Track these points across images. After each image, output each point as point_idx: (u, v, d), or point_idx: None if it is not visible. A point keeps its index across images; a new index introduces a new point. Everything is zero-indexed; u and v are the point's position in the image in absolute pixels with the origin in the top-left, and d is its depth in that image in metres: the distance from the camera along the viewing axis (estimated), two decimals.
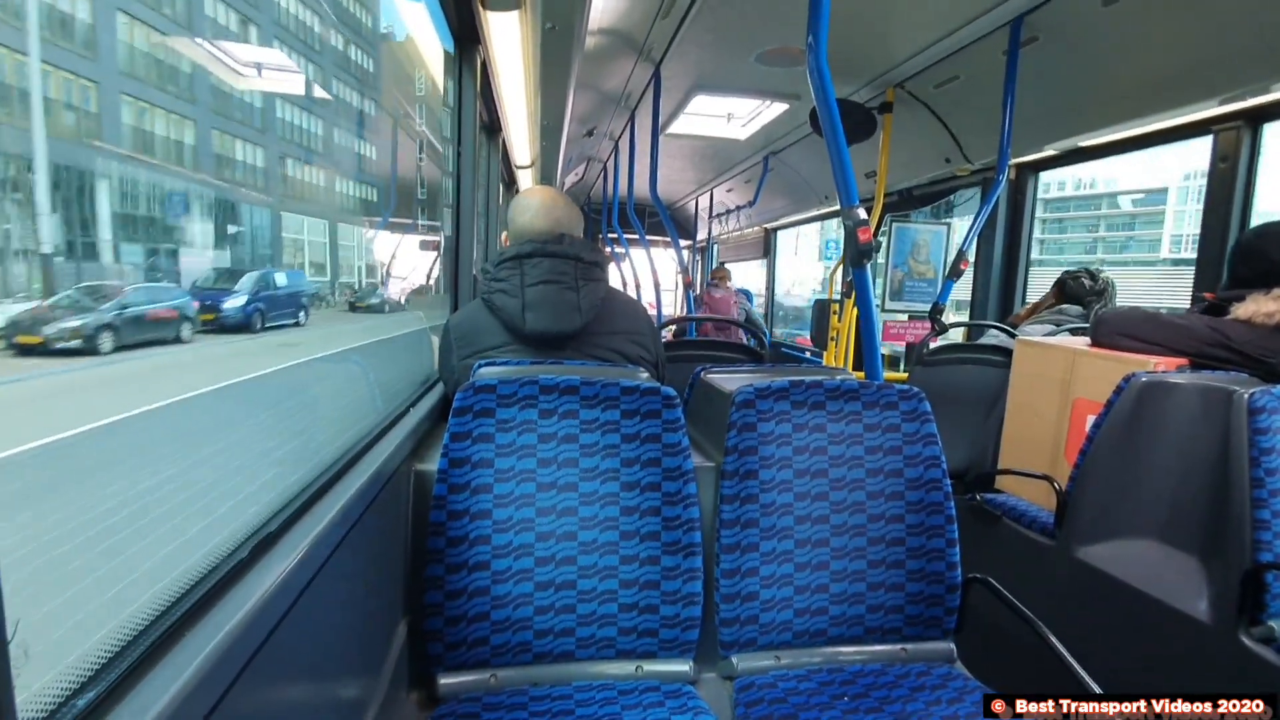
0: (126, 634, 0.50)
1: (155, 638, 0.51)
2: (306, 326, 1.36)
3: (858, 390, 1.30)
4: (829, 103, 1.71)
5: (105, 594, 0.56)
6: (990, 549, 1.90)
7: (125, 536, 0.61)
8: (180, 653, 0.50)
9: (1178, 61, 2.34)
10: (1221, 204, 2.40)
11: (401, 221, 2.54)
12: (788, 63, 3.41)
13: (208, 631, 0.53)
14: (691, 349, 2.77)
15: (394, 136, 2.29)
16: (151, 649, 0.50)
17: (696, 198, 7.89)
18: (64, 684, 0.44)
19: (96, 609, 0.53)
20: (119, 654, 0.49)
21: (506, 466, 1.16)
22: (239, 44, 1.09)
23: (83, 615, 0.52)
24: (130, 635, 0.50)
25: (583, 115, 4.76)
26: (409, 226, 2.69)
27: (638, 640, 1.20)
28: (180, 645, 0.51)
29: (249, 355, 1.16)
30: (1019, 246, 3.59)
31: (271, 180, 1.25)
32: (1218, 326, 1.59)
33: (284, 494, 0.80)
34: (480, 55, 2.32)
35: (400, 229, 2.50)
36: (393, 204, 2.35)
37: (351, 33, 1.74)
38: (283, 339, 1.27)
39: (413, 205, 2.76)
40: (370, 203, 2.04)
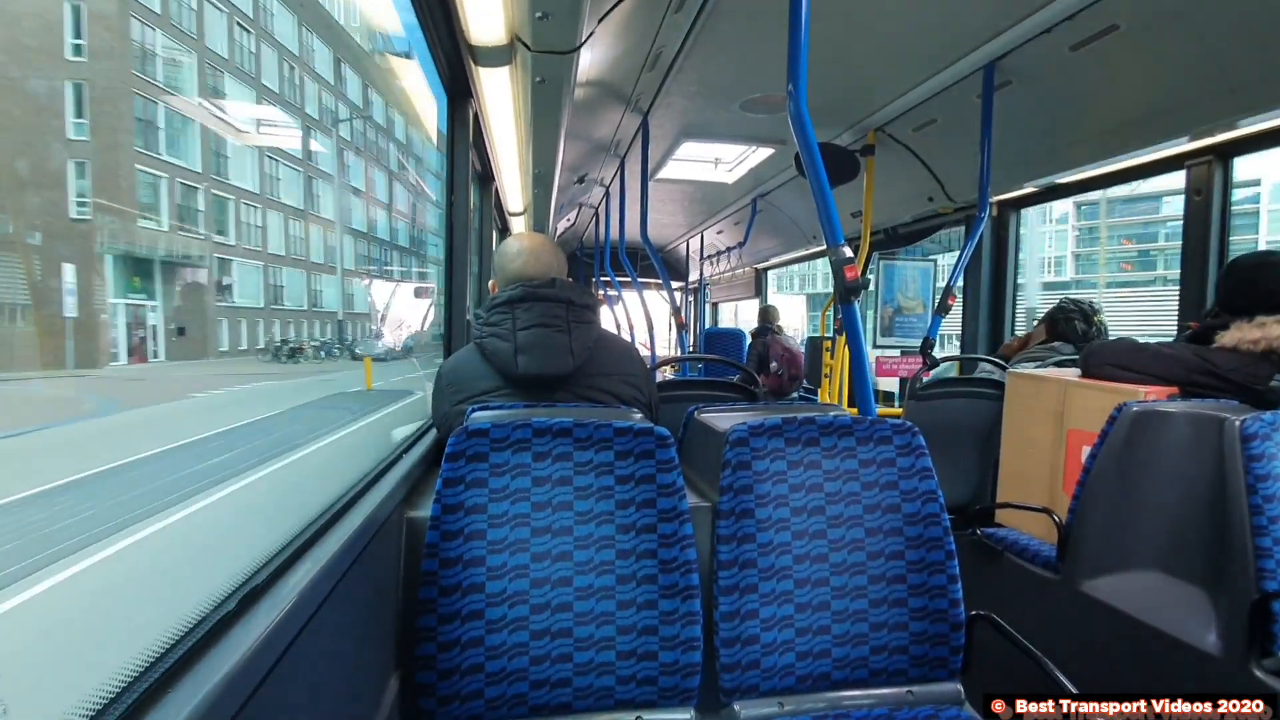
0: (106, 692, 0.48)
1: (136, 697, 0.49)
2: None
3: (851, 426, 1.30)
4: (811, 146, 1.76)
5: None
6: (994, 585, 1.87)
7: None
8: (161, 711, 0.49)
9: (1146, 100, 2.44)
10: (1198, 236, 2.45)
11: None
12: (771, 109, 3.53)
13: (189, 690, 0.51)
14: (685, 389, 2.78)
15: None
16: (131, 710, 0.49)
17: (688, 240, 8.02)
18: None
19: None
20: (100, 713, 0.47)
21: (500, 511, 1.15)
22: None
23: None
24: (111, 693, 0.49)
25: (573, 163, 4.88)
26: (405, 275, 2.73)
27: (637, 689, 1.16)
28: (162, 704, 0.50)
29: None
30: (1004, 281, 3.65)
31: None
32: (1205, 355, 1.61)
33: (273, 544, 0.79)
34: (473, 108, 2.39)
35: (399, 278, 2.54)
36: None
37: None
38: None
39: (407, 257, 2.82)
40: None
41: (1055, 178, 3.11)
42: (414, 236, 2.47)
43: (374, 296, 2.27)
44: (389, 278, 2.41)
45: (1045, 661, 1.06)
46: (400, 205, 2.45)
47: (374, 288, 2.24)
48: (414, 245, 2.45)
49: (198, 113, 1.04)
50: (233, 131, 1.11)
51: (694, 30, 2.67)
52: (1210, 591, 1.37)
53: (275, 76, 1.32)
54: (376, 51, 1.84)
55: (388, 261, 2.39)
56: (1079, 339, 2.56)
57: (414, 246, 2.46)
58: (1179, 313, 2.55)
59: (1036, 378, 1.97)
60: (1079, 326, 2.58)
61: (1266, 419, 1.35)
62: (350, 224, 1.78)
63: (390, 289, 2.51)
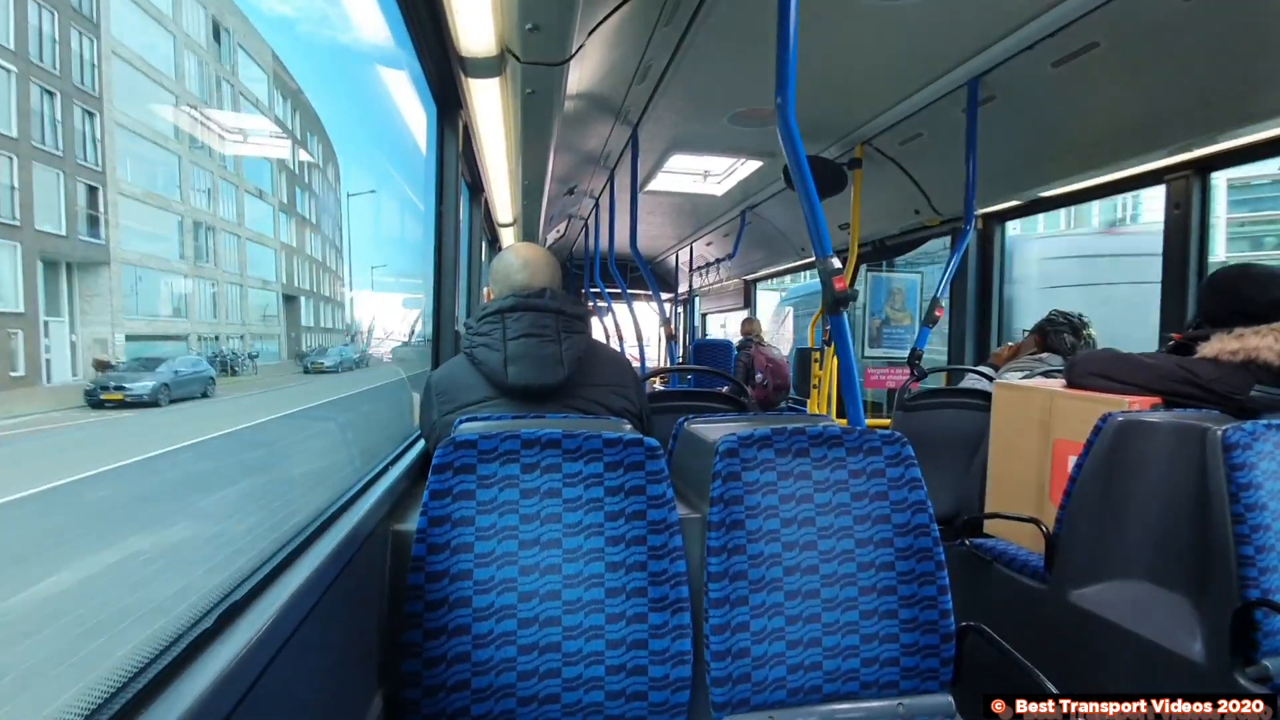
0: (76, 713, 0.47)
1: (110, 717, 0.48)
2: None
3: (840, 436, 1.30)
4: (799, 159, 1.78)
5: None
6: (983, 595, 1.88)
7: None
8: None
9: (1126, 116, 2.48)
10: (1178, 248, 2.50)
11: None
12: (759, 122, 3.56)
13: (161, 712, 0.50)
14: (675, 400, 2.77)
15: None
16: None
17: (677, 252, 8.05)
18: None
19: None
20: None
21: (488, 524, 1.13)
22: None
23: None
24: (82, 714, 0.47)
25: (563, 175, 4.89)
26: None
27: (626, 705, 1.15)
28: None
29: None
30: (990, 292, 3.69)
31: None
32: (1186, 365, 1.63)
33: (254, 559, 0.77)
34: (462, 119, 2.39)
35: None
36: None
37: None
38: None
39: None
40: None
41: (1038, 191, 3.16)
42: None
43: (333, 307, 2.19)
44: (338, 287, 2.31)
45: (1035, 672, 1.06)
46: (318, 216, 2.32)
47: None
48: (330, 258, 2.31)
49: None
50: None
51: (683, 44, 2.69)
52: (1194, 600, 1.38)
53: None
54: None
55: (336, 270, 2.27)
56: (1068, 351, 2.59)
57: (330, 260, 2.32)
58: (1160, 324, 2.59)
59: (1023, 388, 1.99)
60: (1068, 339, 2.60)
61: (1247, 428, 1.37)
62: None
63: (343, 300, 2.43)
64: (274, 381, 1.68)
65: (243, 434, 1.52)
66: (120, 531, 1.10)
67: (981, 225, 3.62)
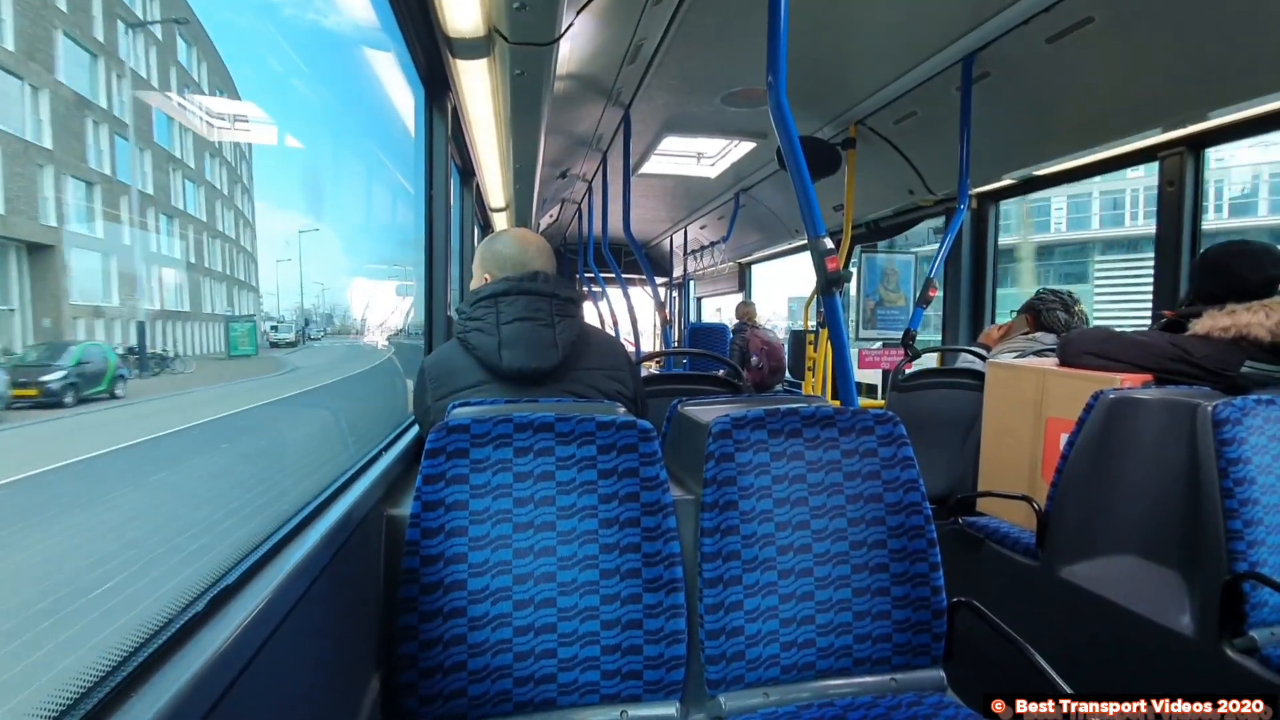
0: (64, 698, 0.47)
1: (95, 703, 0.48)
2: None
3: (833, 417, 1.30)
4: (792, 139, 1.76)
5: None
6: (975, 572, 1.90)
7: None
8: (121, 717, 0.47)
9: (1120, 92, 2.47)
10: (1172, 225, 2.49)
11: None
12: (752, 103, 3.53)
13: (153, 695, 0.50)
14: (670, 383, 2.78)
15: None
16: (92, 715, 0.47)
17: (671, 235, 8.02)
18: None
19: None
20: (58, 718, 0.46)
21: (481, 508, 1.14)
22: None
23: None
24: (70, 699, 0.47)
25: (555, 158, 4.85)
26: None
27: (621, 684, 1.16)
28: (123, 710, 0.48)
29: None
30: (985, 271, 3.69)
31: None
32: (1178, 342, 1.64)
33: (245, 544, 0.77)
34: (451, 101, 2.36)
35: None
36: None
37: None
38: None
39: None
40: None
41: (1032, 169, 3.15)
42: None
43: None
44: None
45: (1026, 647, 1.07)
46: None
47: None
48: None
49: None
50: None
51: (674, 22, 2.66)
52: (1184, 574, 1.40)
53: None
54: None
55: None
56: (1060, 329, 2.58)
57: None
58: (1153, 301, 2.59)
59: (1015, 367, 1.99)
60: (1060, 317, 2.59)
61: (1237, 404, 1.37)
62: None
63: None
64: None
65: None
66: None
67: (976, 205, 3.61)
